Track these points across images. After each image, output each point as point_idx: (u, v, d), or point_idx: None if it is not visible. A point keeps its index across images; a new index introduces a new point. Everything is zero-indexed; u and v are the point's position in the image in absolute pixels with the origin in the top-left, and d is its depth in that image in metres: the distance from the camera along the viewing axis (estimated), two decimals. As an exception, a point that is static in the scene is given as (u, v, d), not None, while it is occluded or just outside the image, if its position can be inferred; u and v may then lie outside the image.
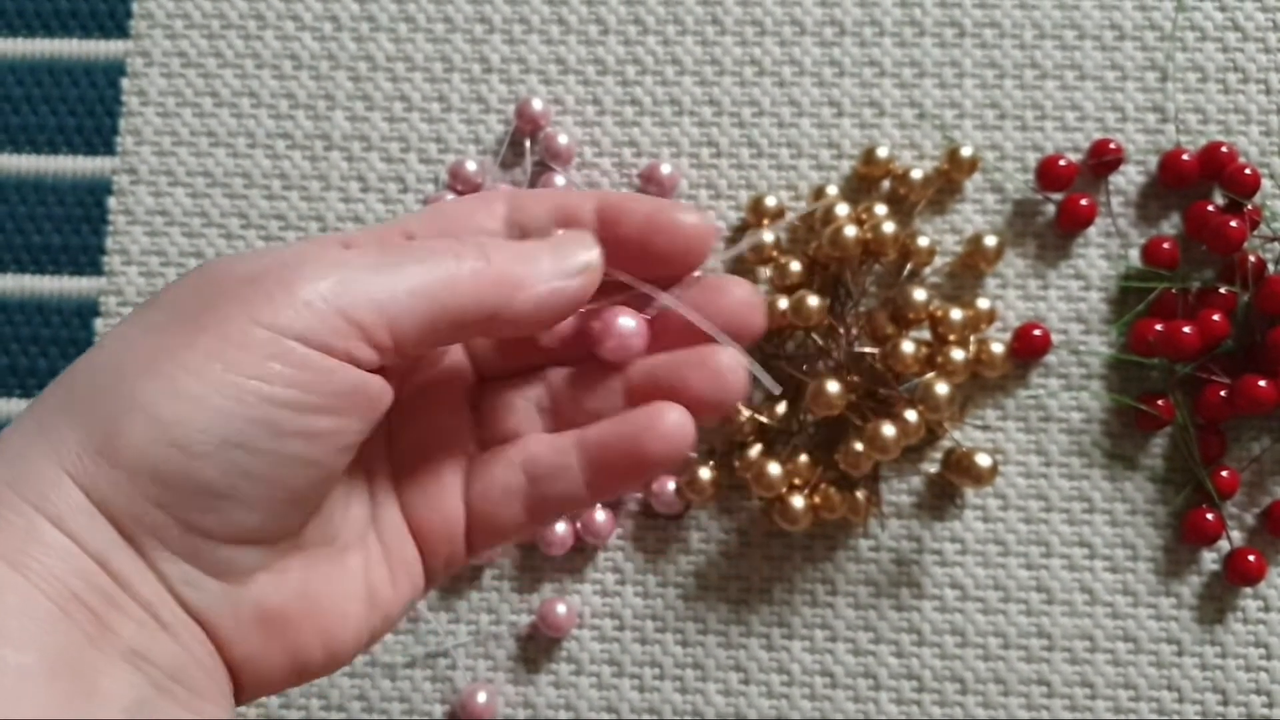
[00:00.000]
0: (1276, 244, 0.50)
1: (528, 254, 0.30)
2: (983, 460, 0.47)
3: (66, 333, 0.53)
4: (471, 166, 0.52)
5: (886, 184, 0.52)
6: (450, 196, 0.52)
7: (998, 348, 0.49)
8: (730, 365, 0.32)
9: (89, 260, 0.53)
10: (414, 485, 0.33)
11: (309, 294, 0.27)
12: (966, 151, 0.51)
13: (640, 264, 0.32)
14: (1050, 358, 0.51)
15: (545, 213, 0.33)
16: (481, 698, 0.49)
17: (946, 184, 0.52)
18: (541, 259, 0.30)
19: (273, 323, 0.27)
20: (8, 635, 0.24)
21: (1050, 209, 0.52)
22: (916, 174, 0.51)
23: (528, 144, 0.53)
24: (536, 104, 0.52)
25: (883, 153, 0.51)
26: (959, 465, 0.47)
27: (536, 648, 0.50)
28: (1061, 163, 0.51)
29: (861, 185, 0.52)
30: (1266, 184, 0.51)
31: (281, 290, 0.27)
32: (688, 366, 0.32)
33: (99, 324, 0.53)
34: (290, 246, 0.29)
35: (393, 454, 0.33)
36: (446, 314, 0.28)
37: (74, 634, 0.25)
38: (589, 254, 0.31)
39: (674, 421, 0.31)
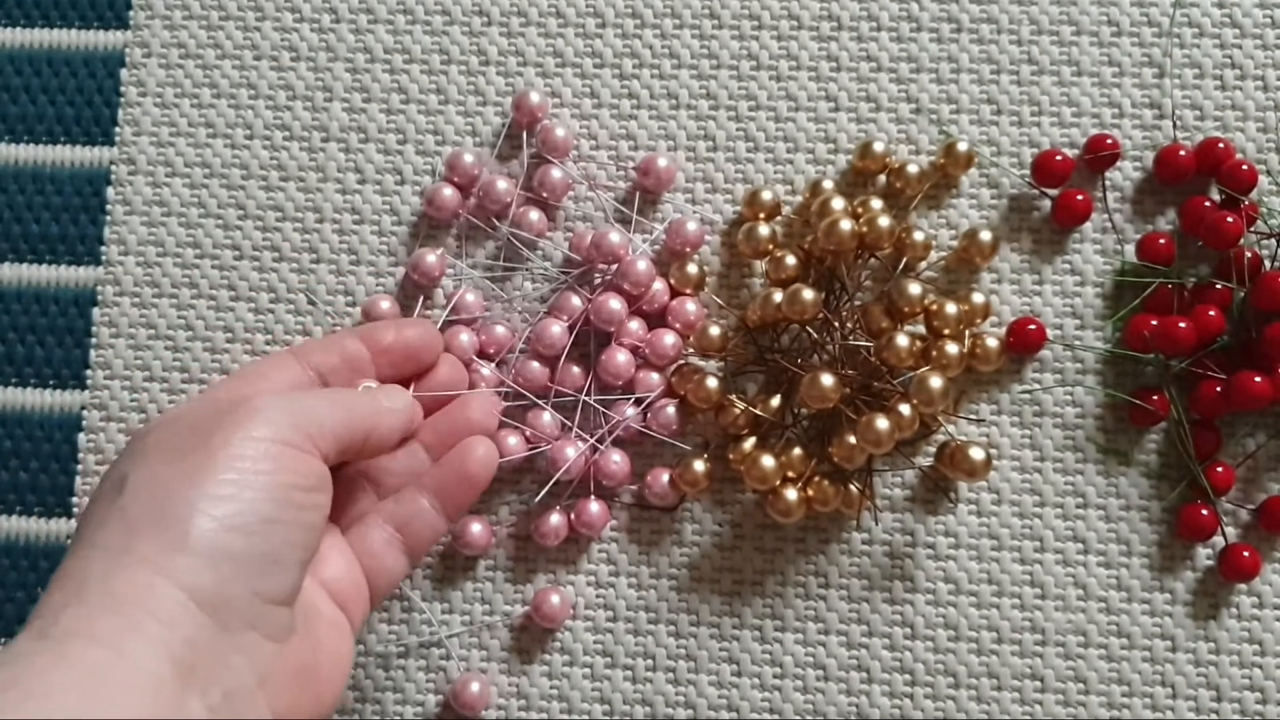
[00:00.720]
0: (1273, 240, 0.50)
1: (376, 398, 0.44)
2: (976, 454, 0.47)
3: (64, 321, 0.53)
4: (469, 158, 0.52)
5: (882, 179, 0.52)
6: (448, 189, 0.52)
7: (992, 342, 0.49)
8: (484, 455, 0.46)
9: (87, 250, 0.54)
10: (320, 564, 0.43)
11: (275, 415, 0.38)
12: (963, 146, 0.51)
13: (403, 363, 0.47)
14: (1045, 352, 0.51)
15: (330, 354, 0.45)
16: (474, 688, 0.49)
17: (943, 179, 0.52)
18: (380, 401, 0.44)
19: (262, 435, 0.37)
20: (117, 706, 0.31)
21: (1046, 204, 0.52)
22: (912, 169, 0.51)
23: (525, 136, 0.53)
24: (534, 97, 0.52)
25: (879, 147, 0.51)
26: (952, 459, 0.47)
27: (530, 638, 0.50)
28: (1058, 158, 0.51)
29: (857, 180, 0.52)
30: (1263, 180, 0.51)
31: (256, 414, 0.38)
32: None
33: (96, 313, 0.53)
34: (234, 387, 0.42)
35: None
36: (348, 432, 0.41)
37: (164, 708, 0.32)
38: (405, 397, 0.46)
39: (483, 450, 0.46)
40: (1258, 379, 0.47)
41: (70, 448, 0.53)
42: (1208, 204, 0.50)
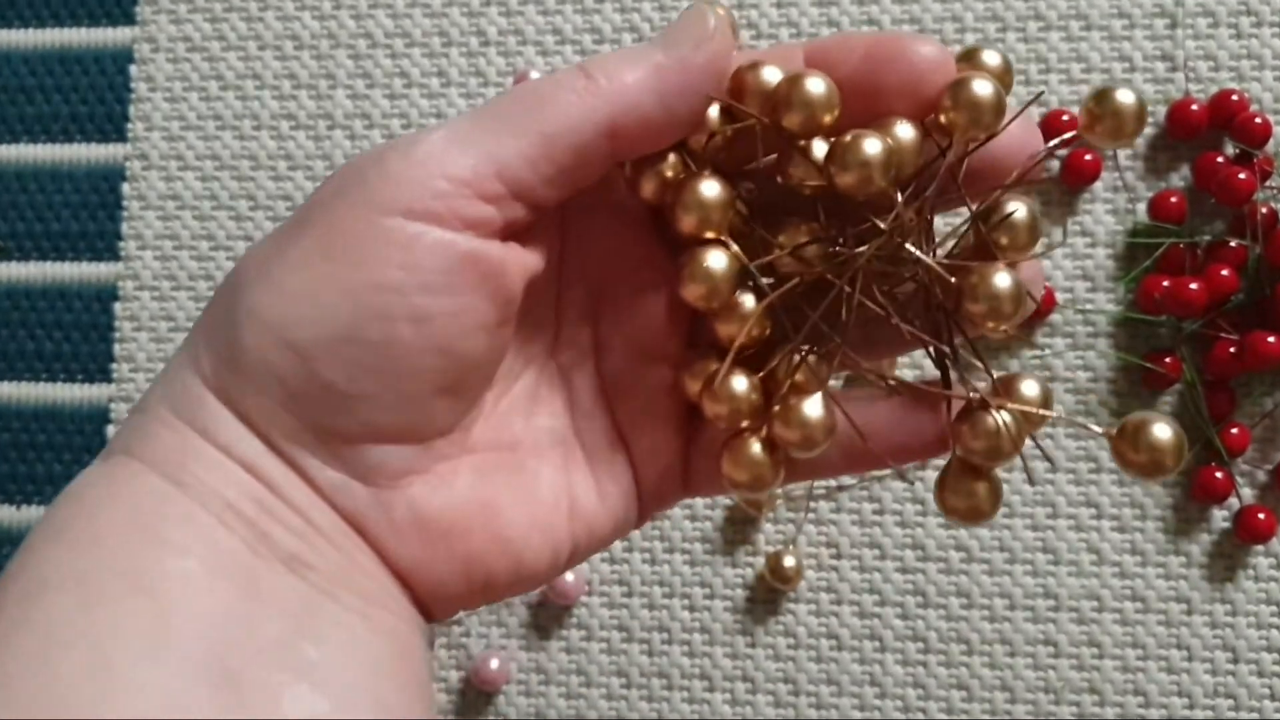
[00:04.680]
0: (1289, 194, 0.49)
1: (635, 50, 0.27)
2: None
3: (88, 317, 0.55)
4: (471, 141, 0.53)
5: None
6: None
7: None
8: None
9: (106, 245, 0.55)
10: (625, 397, 0.30)
11: (404, 164, 0.25)
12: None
13: (865, 115, 0.27)
14: (1055, 317, 0.50)
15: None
16: (494, 664, 0.50)
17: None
18: (652, 49, 0.26)
19: (369, 202, 0.25)
20: (169, 544, 0.24)
21: (1055, 164, 0.51)
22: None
23: (526, 116, 0.53)
24: (534, 75, 0.52)
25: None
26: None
27: (547, 615, 0.51)
28: (1064, 118, 0.50)
29: None
30: (1279, 131, 0.50)
31: (376, 168, 0.25)
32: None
33: (118, 308, 0.54)
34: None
35: (603, 363, 0.30)
36: (560, 140, 0.26)
37: (233, 541, 0.25)
38: (707, 20, 0.26)
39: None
40: (1271, 339, 0.47)
41: (100, 440, 0.54)
42: (1220, 159, 0.49)
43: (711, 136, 0.27)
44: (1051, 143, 0.27)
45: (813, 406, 0.27)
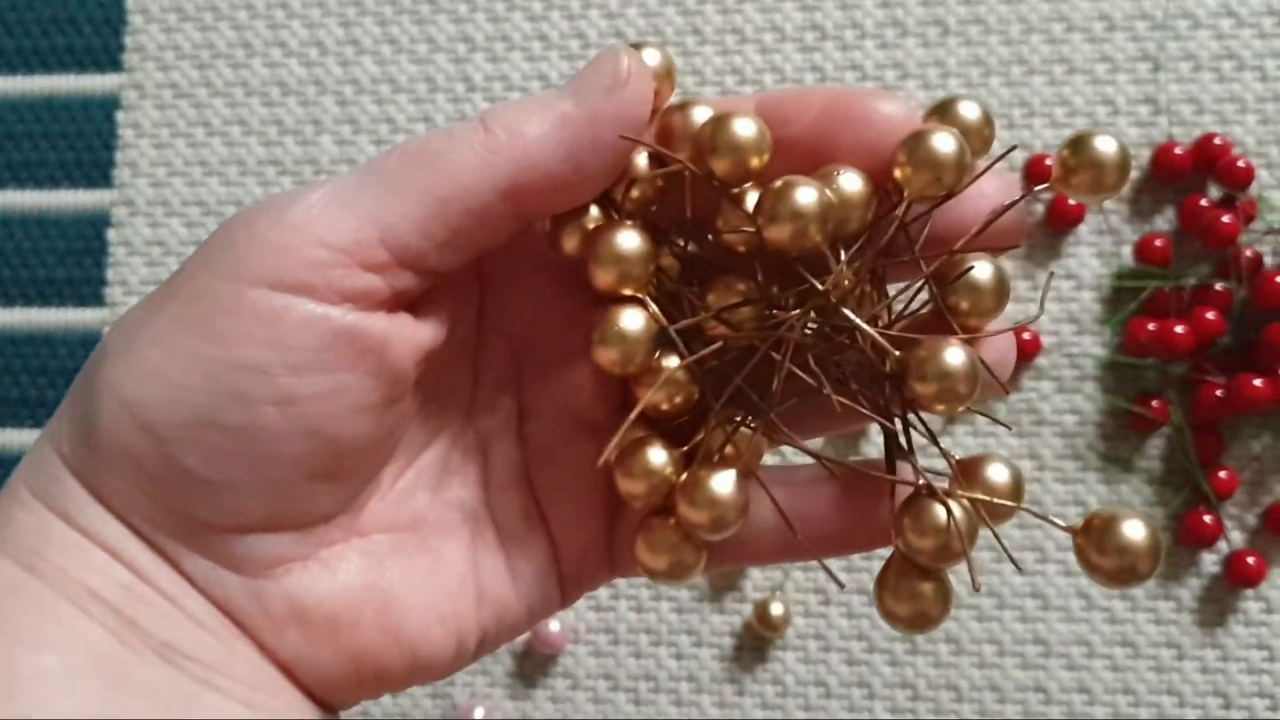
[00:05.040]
0: (1274, 237, 0.49)
1: (540, 99, 0.24)
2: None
3: (73, 363, 0.54)
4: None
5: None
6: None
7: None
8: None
9: (91, 292, 0.55)
10: (546, 467, 0.27)
11: (276, 229, 0.23)
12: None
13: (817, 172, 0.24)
14: (1041, 360, 0.50)
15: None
16: (479, 713, 0.50)
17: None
18: (559, 97, 0.24)
19: (236, 271, 0.23)
20: (24, 639, 0.22)
21: (1039, 207, 0.51)
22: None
23: (512, 162, 0.53)
24: (519, 121, 0.53)
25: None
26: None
27: (533, 664, 0.51)
28: (1047, 162, 0.50)
29: None
30: (1264, 174, 0.50)
31: (246, 232, 0.23)
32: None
33: (103, 354, 0.54)
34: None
35: (525, 430, 0.28)
36: (454, 203, 0.23)
37: (97, 632, 0.22)
38: (620, 63, 0.24)
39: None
40: (1257, 382, 0.46)
41: (84, 486, 0.54)
42: (1205, 202, 0.49)
43: (630, 185, 0.25)
44: (1007, 202, 0.24)
45: (722, 483, 0.24)
